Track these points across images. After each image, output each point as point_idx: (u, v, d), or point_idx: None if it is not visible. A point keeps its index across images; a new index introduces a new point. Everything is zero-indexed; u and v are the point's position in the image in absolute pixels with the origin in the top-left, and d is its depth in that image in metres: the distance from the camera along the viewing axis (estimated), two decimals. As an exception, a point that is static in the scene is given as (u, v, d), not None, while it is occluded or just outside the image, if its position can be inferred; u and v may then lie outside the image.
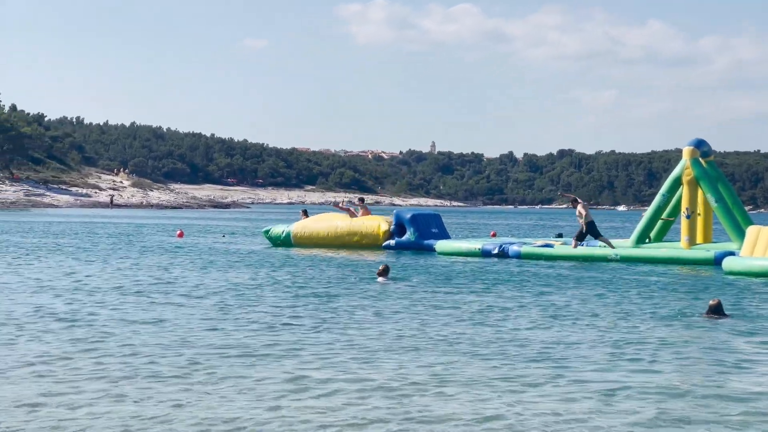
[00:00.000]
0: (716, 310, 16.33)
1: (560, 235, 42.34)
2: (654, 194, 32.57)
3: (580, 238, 31.50)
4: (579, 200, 31.83)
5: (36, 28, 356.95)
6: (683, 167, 30.46)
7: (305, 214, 37.72)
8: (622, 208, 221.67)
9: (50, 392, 10.00)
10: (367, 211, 36.48)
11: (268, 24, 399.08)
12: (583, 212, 31.19)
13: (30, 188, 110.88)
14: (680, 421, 9.23)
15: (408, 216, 35.09)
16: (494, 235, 46.29)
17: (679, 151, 31.65)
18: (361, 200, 37.84)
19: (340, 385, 10.53)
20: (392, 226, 34.80)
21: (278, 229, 36.90)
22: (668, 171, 31.81)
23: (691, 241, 30.02)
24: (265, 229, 38.04)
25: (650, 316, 16.64)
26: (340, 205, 37.00)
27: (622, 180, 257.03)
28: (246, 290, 19.97)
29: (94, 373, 11.00)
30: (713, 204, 30.19)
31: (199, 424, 8.87)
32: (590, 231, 31.26)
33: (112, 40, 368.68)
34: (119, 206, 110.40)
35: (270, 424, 8.91)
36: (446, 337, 13.93)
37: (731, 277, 24.72)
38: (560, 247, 31.59)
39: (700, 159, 30.64)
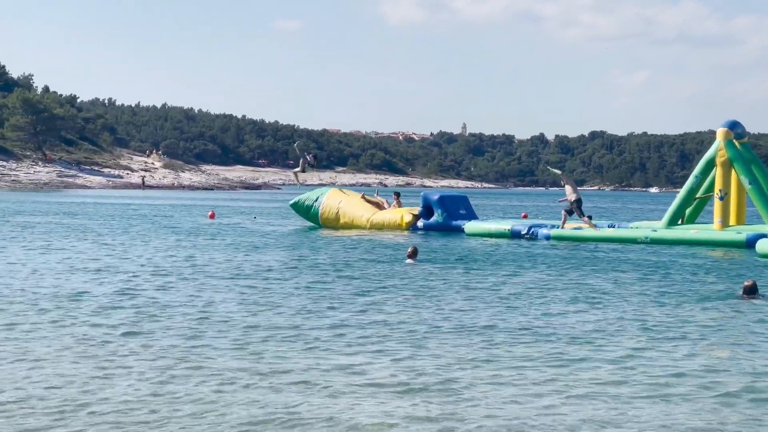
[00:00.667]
0: (751, 291, 16.31)
1: (590, 218, 42.02)
2: (686, 176, 32.32)
3: (570, 213, 31.68)
4: (565, 178, 31.90)
5: (67, 10, 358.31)
6: (717, 149, 30.18)
7: (397, 195, 37.35)
8: (654, 190, 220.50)
9: (109, 373, 9.99)
10: (399, 206, 36.22)
11: (300, 5, 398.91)
12: (570, 190, 31.36)
13: (63, 169, 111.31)
14: (722, 403, 9.13)
15: (435, 197, 34.98)
16: (525, 217, 46.06)
17: (712, 133, 31.37)
18: (397, 195, 37.37)
19: (381, 371, 10.47)
20: (420, 209, 34.69)
21: (309, 201, 36.74)
22: (701, 153, 31.58)
23: (724, 223, 29.74)
24: (293, 201, 37.78)
25: (685, 298, 16.53)
26: (374, 197, 36.63)
27: (655, 162, 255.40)
28: (280, 273, 19.92)
29: (156, 353, 11.00)
30: (747, 186, 29.90)
31: (252, 408, 8.82)
32: (577, 208, 31.27)
33: (143, 21, 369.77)
34: (151, 187, 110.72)
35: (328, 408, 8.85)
36: (481, 320, 13.83)
37: (763, 259, 24.52)
38: (589, 230, 31.41)
39: (734, 140, 30.34)
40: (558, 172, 33.68)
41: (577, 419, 8.56)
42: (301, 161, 40.15)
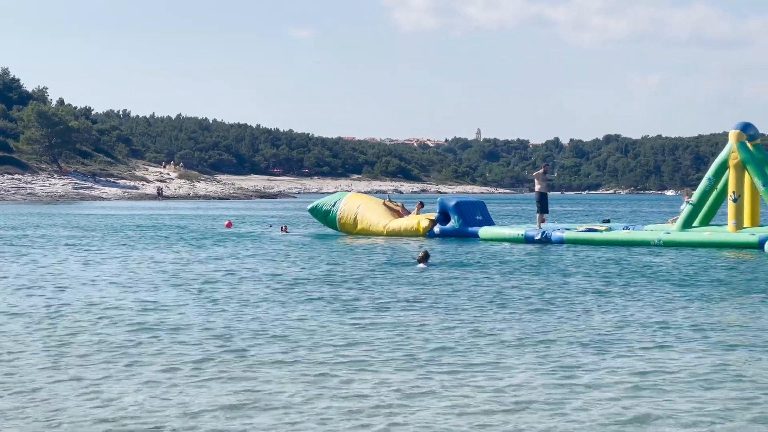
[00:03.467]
0: None
1: (607, 221, 42.04)
2: (701, 178, 32.33)
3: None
4: (536, 173, 33.40)
5: (81, 23, 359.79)
6: (729, 151, 30.20)
7: (421, 205, 37.19)
8: (669, 192, 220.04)
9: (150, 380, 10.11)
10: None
11: (312, 13, 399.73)
12: (536, 182, 32.95)
13: (78, 181, 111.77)
14: (748, 402, 9.24)
15: (452, 203, 35.02)
16: (543, 221, 45.99)
17: (726, 135, 31.35)
18: (421, 204, 37.09)
19: (394, 372, 10.57)
20: (437, 215, 34.75)
21: (327, 206, 36.83)
22: (715, 155, 31.53)
23: (738, 225, 29.76)
24: (311, 205, 37.93)
25: (700, 299, 16.55)
26: (391, 203, 36.58)
27: (669, 164, 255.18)
28: (294, 279, 20.00)
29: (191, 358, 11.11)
30: (760, 188, 29.88)
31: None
32: (539, 201, 32.76)
33: (157, 32, 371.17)
34: (167, 198, 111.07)
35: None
36: (486, 322, 13.90)
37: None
38: (602, 233, 31.52)
39: (747, 142, 30.33)
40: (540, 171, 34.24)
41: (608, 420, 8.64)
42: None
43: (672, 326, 13.62)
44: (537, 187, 32.63)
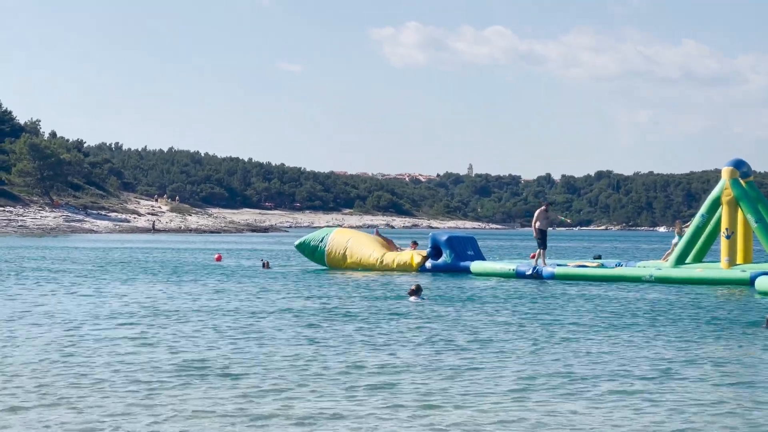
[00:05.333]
0: None
1: (599, 257, 42.02)
2: (693, 215, 32.32)
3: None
4: (538, 210, 32.91)
5: (73, 56, 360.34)
6: (722, 188, 30.17)
7: (415, 244, 36.88)
8: (662, 229, 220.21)
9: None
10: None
11: (302, 48, 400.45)
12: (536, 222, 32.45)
13: (69, 214, 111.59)
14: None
15: (444, 238, 34.95)
16: (534, 257, 45.90)
17: (717, 171, 31.43)
18: (415, 243, 36.87)
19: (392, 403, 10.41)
20: (428, 250, 34.66)
21: (315, 241, 36.62)
22: (707, 191, 31.56)
23: (731, 262, 29.71)
24: (298, 241, 37.72)
25: (697, 335, 16.47)
26: (382, 239, 36.46)
27: (661, 201, 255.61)
28: (288, 312, 19.84)
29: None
30: (753, 224, 29.86)
31: None
32: (539, 238, 32.21)
33: (148, 66, 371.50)
34: (159, 231, 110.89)
35: None
36: (480, 356, 13.76)
37: (760, 296, 24.61)
38: (594, 268, 31.52)
39: (740, 179, 30.33)
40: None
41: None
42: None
43: (663, 363, 13.49)
44: (538, 224, 32.29)
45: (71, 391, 11.26)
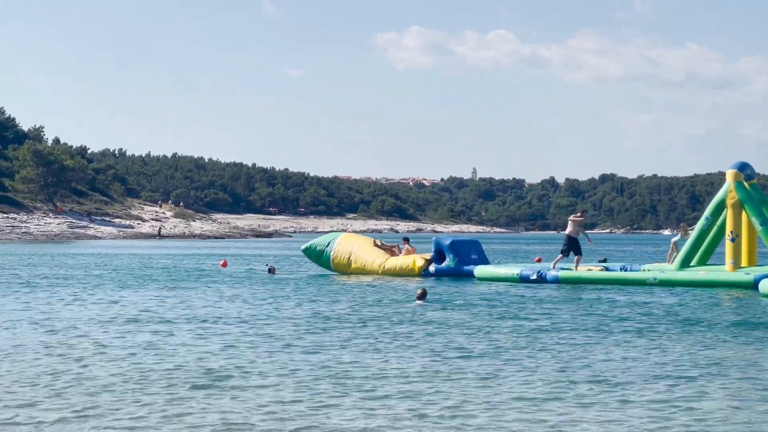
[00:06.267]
0: None
1: (604, 260, 41.89)
2: (697, 218, 32.28)
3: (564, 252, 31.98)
4: (574, 217, 32.61)
5: (76, 62, 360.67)
6: (727, 190, 30.15)
7: (407, 241, 37.09)
8: (667, 232, 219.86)
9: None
10: (412, 250, 36.22)
11: (305, 53, 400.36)
12: (570, 225, 32.16)
13: (74, 220, 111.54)
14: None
15: (447, 243, 34.92)
16: (539, 261, 45.88)
17: (722, 174, 31.36)
18: (406, 240, 37.31)
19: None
20: (432, 254, 34.66)
21: (321, 246, 36.73)
22: (711, 194, 31.56)
23: (736, 265, 29.67)
24: (305, 246, 37.86)
25: (703, 336, 16.43)
26: (379, 244, 36.55)
27: (665, 204, 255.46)
28: (296, 318, 19.84)
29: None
30: (758, 227, 29.81)
31: None
32: (567, 244, 31.85)
33: (151, 71, 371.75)
34: (163, 237, 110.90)
35: None
36: (486, 358, 13.73)
37: (765, 299, 24.60)
38: (598, 272, 31.51)
39: (744, 182, 30.30)
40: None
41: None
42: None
43: (667, 366, 13.47)
44: (568, 230, 31.97)
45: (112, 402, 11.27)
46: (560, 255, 32.06)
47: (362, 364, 13.69)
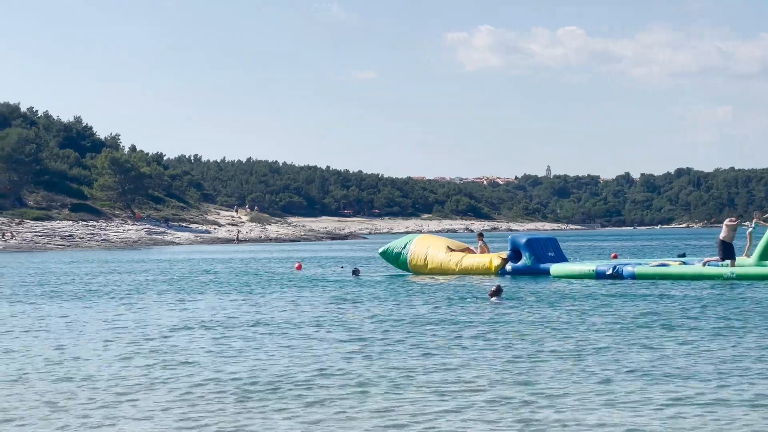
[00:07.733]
0: None
1: (683, 255, 41.55)
2: (774, 209, 31.88)
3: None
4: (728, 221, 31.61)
5: (150, 70, 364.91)
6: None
7: (481, 237, 37.53)
8: (745, 224, 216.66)
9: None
10: (486, 247, 36.28)
11: (375, 55, 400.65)
12: (724, 229, 30.95)
13: (151, 227, 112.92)
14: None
15: (523, 241, 34.88)
16: (615, 257, 45.64)
17: (799, 165, 30.95)
18: (480, 235, 37.48)
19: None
20: (508, 253, 34.67)
21: (398, 248, 37.04)
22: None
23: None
24: (382, 249, 38.14)
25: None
26: (453, 248, 36.62)
27: (743, 197, 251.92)
28: (373, 319, 20.06)
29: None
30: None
31: None
32: (721, 248, 30.73)
33: (225, 78, 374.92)
34: (241, 241, 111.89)
35: None
36: (565, 354, 13.85)
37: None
38: (675, 267, 31.22)
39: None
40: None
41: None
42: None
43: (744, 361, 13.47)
44: (722, 235, 31.28)
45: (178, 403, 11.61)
46: (716, 257, 31.29)
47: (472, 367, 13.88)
